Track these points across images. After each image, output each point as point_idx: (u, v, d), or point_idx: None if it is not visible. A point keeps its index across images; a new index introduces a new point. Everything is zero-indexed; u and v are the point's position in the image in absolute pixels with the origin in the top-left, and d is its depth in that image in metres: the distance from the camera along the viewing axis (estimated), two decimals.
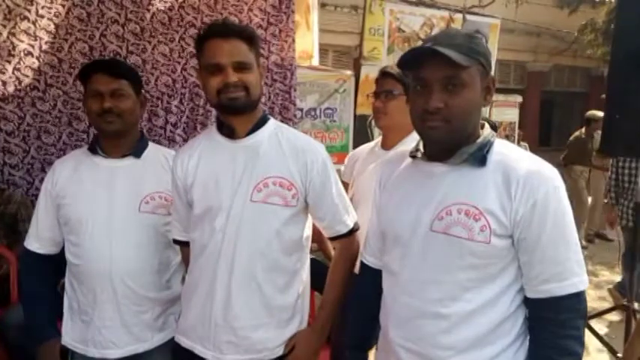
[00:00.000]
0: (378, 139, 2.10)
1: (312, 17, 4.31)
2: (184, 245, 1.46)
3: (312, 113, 4.43)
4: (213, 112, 3.87)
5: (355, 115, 4.58)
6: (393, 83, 1.89)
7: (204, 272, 1.34)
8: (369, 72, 4.34)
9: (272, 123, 1.43)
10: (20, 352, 1.79)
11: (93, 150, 1.54)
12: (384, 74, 1.91)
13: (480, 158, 1.09)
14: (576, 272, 1.05)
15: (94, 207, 1.47)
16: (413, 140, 1.91)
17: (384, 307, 1.20)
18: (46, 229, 1.55)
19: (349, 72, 4.60)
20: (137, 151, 1.55)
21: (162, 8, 3.63)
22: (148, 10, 3.59)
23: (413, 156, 1.20)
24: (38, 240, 1.56)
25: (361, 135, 4.48)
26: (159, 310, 1.54)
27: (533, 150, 9.94)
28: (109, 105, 1.45)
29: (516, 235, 1.05)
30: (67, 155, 1.64)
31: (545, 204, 1.04)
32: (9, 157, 3.33)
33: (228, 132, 1.38)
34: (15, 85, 3.30)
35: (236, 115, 1.35)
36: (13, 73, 3.28)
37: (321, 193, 1.37)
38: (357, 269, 1.51)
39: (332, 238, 1.47)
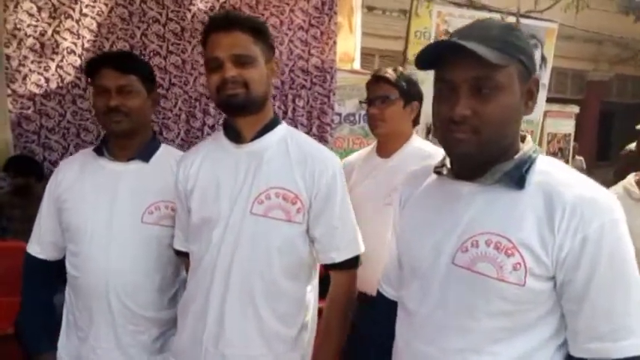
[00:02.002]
0: (371, 145, 1.93)
1: (355, 19, 4.18)
2: (186, 256, 1.33)
3: (351, 118, 4.27)
4: None
5: None
6: (387, 88, 1.72)
7: (198, 289, 1.21)
8: (413, 76, 4.15)
9: (282, 128, 1.27)
10: None
11: (99, 151, 1.43)
12: (377, 79, 1.74)
13: (517, 178, 0.89)
14: (636, 331, 0.83)
15: (94, 214, 1.36)
16: (412, 148, 1.74)
17: (396, 352, 1.02)
18: (48, 232, 1.44)
19: None
20: (145, 155, 1.42)
21: (204, 8, 3.60)
22: (189, 10, 3.57)
23: (438, 172, 1.01)
24: (39, 244, 1.46)
25: None
26: (157, 332, 1.40)
27: (590, 165, 9.36)
28: (115, 103, 1.33)
29: (560, 277, 0.85)
30: (74, 155, 1.54)
31: (598, 240, 0.82)
32: (49, 154, 3.39)
33: (234, 135, 1.24)
34: (57, 83, 3.35)
35: (238, 116, 1.21)
36: (56, 70, 3.33)
37: (322, 209, 1.20)
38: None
39: (327, 267, 1.28)
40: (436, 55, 0.90)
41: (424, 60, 0.92)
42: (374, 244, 1.33)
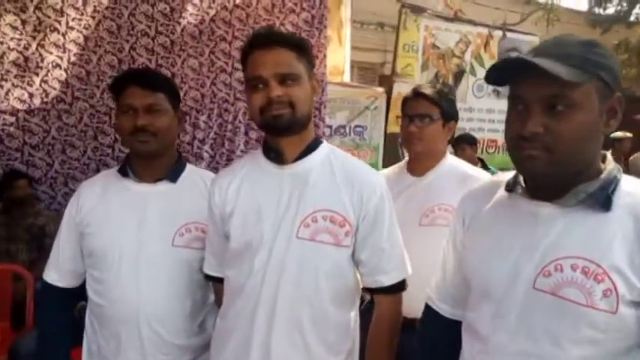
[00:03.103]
0: (401, 162, 1.89)
1: (345, 32, 4.19)
2: (217, 282, 1.27)
3: (342, 131, 4.28)
4: (242, 128, 3.76)
5: (386, 133, 4.41)
6: (429, 106, 1.68)
7: (239, 319, 1.14)
8: (402, 89, 4.17)
9: (325, 147, 1.22)
10: None
11: (123, 172, 1.36)
12: (417, 95, 1.69)
13: (602, 200, 0.86)
14: None
15: (122, 239, 1.29)
16: (447, 166, 1.70)
17: None
18: (68, 260, 1.37)
19: (381, 89, 4.45)
20: (173, 175, 1.36)
21: (193, 21, 3.55)
22: (179, 24, 3.51)
23: (510, 190, 0.96)
24: (58, 271, 1.37)
25: (391, 154, 4.30)
26: (188, 359, 1.34)
27: None
28: (143, 122, 1.27)
29: None
30: (95, 177, 1.45)
31: None
32: (33, 171, 3.25)
33: (275, 156, 1.18)
34: (42, 98, 3.23)
35: (282, 136, 1.15)
36: (40, 85, 3.21)
37: (370, 232, 1.16)
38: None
39: (371, 291, 1.24)
40: (509, 71, 0.88)
41: (496, 76, 0.89)
42: (417, 263, 1.30)
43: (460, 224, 1.05)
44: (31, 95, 3.20)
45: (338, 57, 4.09)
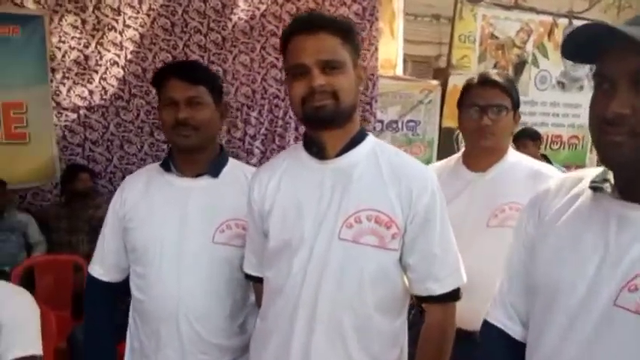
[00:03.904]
0: (454, 156, 1.71)
1: (397, 25, 4.07)
2: (257, 281, 1.21)
3: (394, 126, 4.16)
4: (292, 124, 3.74)
5: (441, 128, 4.25)
6: (501, 95, 1.51)
7: (279, 321, 1.08)
8: (458, 82, 3.99)
9: (370, 140, 1.12)
10: None
11: (166, 167, 1.33)
12: (488, 82, 1.51)
13: None
14: None
15: (163, 234, 1.27)
16: (512, 162, 1.53)
17: None
18: (112, 253, 1.36)
19: (435, 82, 4.29)
20: (215, 170, 1.32)
21: (244, 17, 3.56)
22: (230, 20, 3.53)
23: (595, 187, 0.82)
24: (102, 266, 1.37)
25: (446, 149, 4.13)
26: (228, 359, 1.31)
27: None
28: (184, 115, 1.23)
29: None
30: (138, 171, 1.45)
31: None
32: (93, 166, 3.37)
33: (317, 150, 1.10)
34: (101, 95, 3.34)
35: (324, 129, 1.07)
36: (99, 82, 3.33)
37: (420, 234, 1.05)
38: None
39: (421, 299, 1.13)
40: (591, 44, 0.75)
41: (574, 48, 0.77)
42: (473, 272, 1.16)
43: (531, 224, 0.91)
44: (91, 92, 3.32)
45: (390, 50, 3.98)
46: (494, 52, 4.25)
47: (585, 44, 0.76)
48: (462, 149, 1.70)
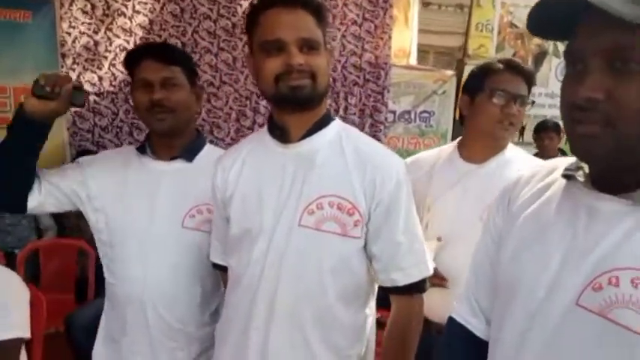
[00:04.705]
0: (447, 146, 1.64)
1: (412, 13, 3.97)
2: (224, 270, 1.17)
3: (406, 116, 4.07)
4: None
5: (455, 120, 4.15)
6: (524, 86, 1.43)
7: (238, 310, 1.05)
8: None
9: (336, 125, 1.08)
10: (84, 353, 1.68)
11: (142, 149, 1.31)
12: (517, 70, 1.42)
13: None
14: None
15: (133, 217, 1.24)
16: (511, 155, 1.47)
17: None
18: (49, 182, 1.24)
19: (450, 72, 4.18)
20: (189, 154, 1.30)
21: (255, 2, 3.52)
22: (240, 6, 3.48)
23: (567, 176, 0.75)
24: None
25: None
26: (198, 349, 1.28)
27: None
28: (159, 97, 1.20)
29: None
30: (117, 149, 1.43)
31: None
32: (102, 152, 3.40)
33: (280, 133, 1.05)
34: (110, 81, 3.36)
35: (294, 112, 1.02)
36: (109, 68, 3.34)
37: (383, 222, 1.02)
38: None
39: (387, 291, 1.09)
40: (564, 17, 0.66)
41: (539, 23, 0.68)
42: (463, 264, 1.11)
43: (500, 215, 0.85)
44: (100, 78, 3.34)
45: (404, 38, 3.88)
46: (513, 42, 4.11)
47: (556, 16, 0.67)
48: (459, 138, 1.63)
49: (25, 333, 1.64)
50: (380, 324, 1.16)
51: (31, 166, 1.22)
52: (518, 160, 1.48)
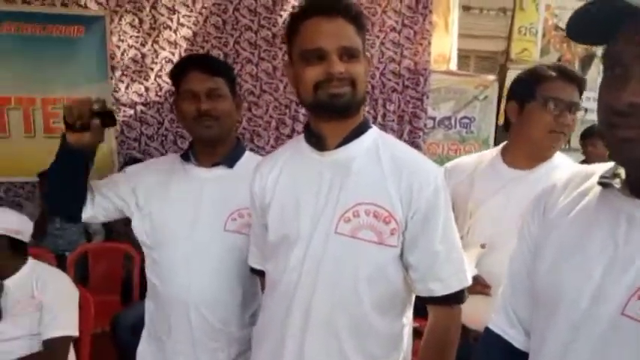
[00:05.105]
0: (488, 151, 1.61)
1: (452, 18, 3.93)
2: (262, 275, 1.19)
3: (446, 123, 4.02)
4: None
5: (497, 126, 4.05)
6: (577, 95, 1.39)
7: (274, 317, 1.06)
8: None
9: (373, 132, 1.08)
10: (129, 353, 1.76)
11: (186, 157, 1.36)
12: (572, 78, 1.38)
13: None
14: None
15: (177, 222, 1.30)
16: (556, 163, 1.43)
17: None
18: (101, 194, 1.32)
19: (491, 77, 4.10)
20: (230, 160, 1.34)
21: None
22: (280, 16, 3.55)
23: (604, 184, 0.73)
24: (92, 207, 1.32)
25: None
26: (237, 350, 1.31)
27: None
28: (206, 107, 1.26)
29: None
30: (162, 158, 1.49)
31: None
32: (148, 159, 3.53)
33: (316, 141, 1.06)
34: (156, 92, 3.49)
35: (331, 119, 1.03)
36: (155, 79, 3.47)
37: (421, 230, 1.00)
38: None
39: (424, 301, 1.07)
40: (604, 22, 0.64)
41: (582, 28, 0.67)
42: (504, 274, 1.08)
43: (535, 223, 0.83)
44: (147, 89, 3.47)
45: (444, 44, 3.84)
46: (559, 45, 3.98)
47: (597, 21, 0.65)
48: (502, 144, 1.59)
49: (74, 332, 1.73)
50: (417, 333, 1.14)
51: (82, 184, 1.30)
52: (565, 168, 1.43)
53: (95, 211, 1.33)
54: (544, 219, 0.82)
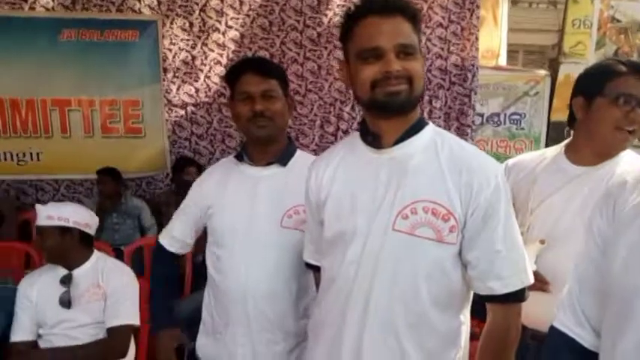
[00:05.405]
0: (552, 148, 1.57)
1: (501, 11, 3.83)
2: (317, 270, 1.22)
3: (495, 119, 3.92)
4: None
5: (549, 122, 3.92)
6: None
7: (331, 311, 1.08)
8: (570, 71, 3.65)
9: (430, 129, 1.07)
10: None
11: (240, 157, 1.42)
12: (638, 71, 1.34)
13: None
14: None
15: (236, 219, 1.35)
16: (623, 159, 1.38)
17: None
18: (178, 229, 1.50)
19: (543, 72, 3.97)
20: (283, 159, 1.39)
21: (339, 12, 3.58)
22: (326, 15, 3.58)
23: None
24: (168, 237, 1.52)
25: (555, 145, 3.81)
26: (293, 342, 1.35)
27: None
28: (260, 108, 1.31)
29: None
30: (217, 163, 1.57)
31: None
32: (198, 158, 3.64)
33: (372, 139, 1.07)
34: (205, 92, 3.59)
35: (389, 117, 1.03)
36: (204, 80, 3.57)
37: (481, 228, 0.99)
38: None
39: (483, 299, 1.05)
40: None
41: None
42: (567, 267, 1.03)
43: (604, 221, 0.81)
44: (197, 90, 3.58)
45: (493, 39, 3.76)
46: (615, 37, 3.81)
47: None
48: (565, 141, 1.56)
49: (135, 321, 1.82)
50: (472, 335, 1.13)
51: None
52: (632, 164, 1.39)
53: (187, 246, 1.53)
54: (614, 216, 0.80)
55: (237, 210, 1.36)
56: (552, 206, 1.44)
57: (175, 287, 1.60)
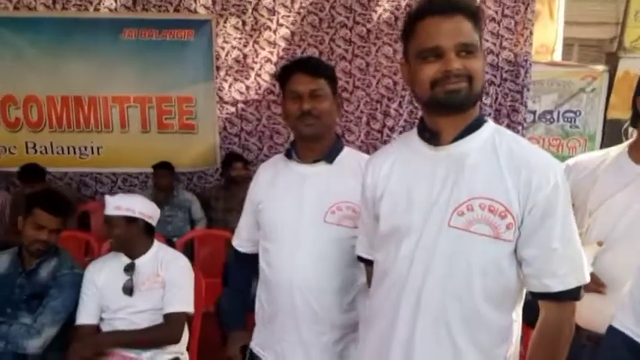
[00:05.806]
0: (615, 148, 1.55)
1: (557, 5, 3.70)
2: (369, 264, 1.24)
3: (548, 116, 3.80)
4: None
5: (606, 120, 3.76)
6: None
7: (384, 304, 1.10)
8: (630, 66, 3.49)
9: (489, 127, 1.07)
10: None
11: (289, 155, 1.47)
12: None
13: None
14: None
15: (284, 214, 1.41)
16: None
17: None
18: (245, 229, 1.56)
19: (601, 67, 3.81)
20: (330, 156, 1.43)
21: (390, 8, 3.58)
22: (375, 12, 3.58)
23: None
24: (239, 239, 1.59)
25: (612, 144, 3.64)
26: (338, 334, 1.38)
27: None
28: (308, 107, 1.35)
29: None
30: (270, 160, 1.63)
31: None
32: (247, 154, 3.74)
33: (430, 136, 1.08)
34: (255, 90, 3.68)
35: (449, 115, 1.04)
36: (254, 78, 3.66)
37: (538, 226, 0.98)
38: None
39: (537, 296, 1.04)
40: None
41: None
42: (625, 269, 1.02)
43: None
44: (247, 88, 3.67)
45: (548, 33, 3.64)
46: None
47: None
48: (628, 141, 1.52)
49: (190, 308, 1.91)
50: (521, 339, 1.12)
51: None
52: None
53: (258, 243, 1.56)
54: None
55: (284, 205, 1.41)
56: (612, 207, 1.42)
57: (248, 291, 1.68)
